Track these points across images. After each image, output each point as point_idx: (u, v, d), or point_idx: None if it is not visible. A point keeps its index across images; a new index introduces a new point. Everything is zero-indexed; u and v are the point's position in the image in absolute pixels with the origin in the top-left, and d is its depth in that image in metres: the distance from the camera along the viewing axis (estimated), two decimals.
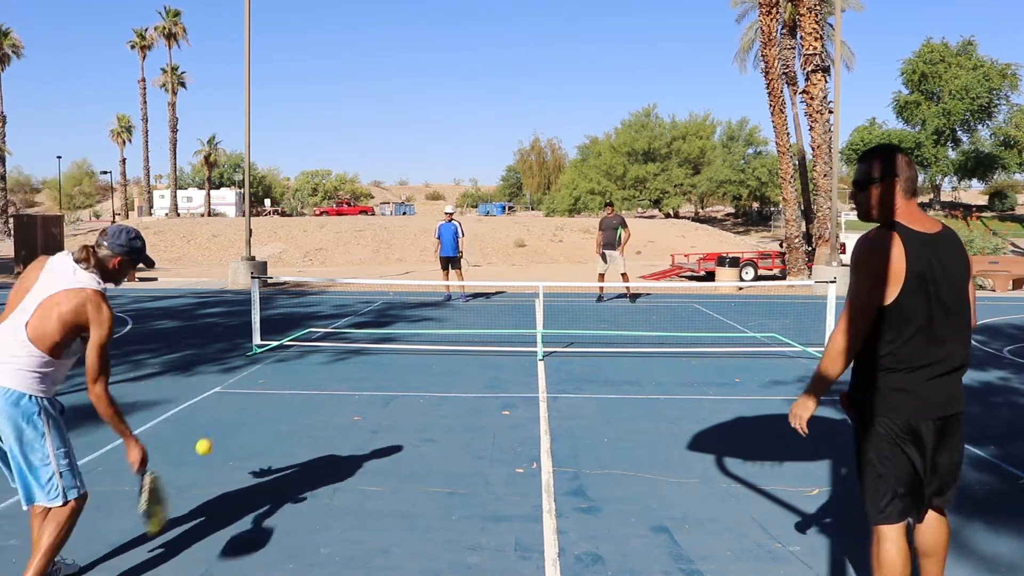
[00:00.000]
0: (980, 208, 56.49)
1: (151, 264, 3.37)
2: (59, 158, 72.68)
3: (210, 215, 55.84)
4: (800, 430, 2.69)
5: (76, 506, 3.02)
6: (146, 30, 54.58)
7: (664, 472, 4.64)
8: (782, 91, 21.49)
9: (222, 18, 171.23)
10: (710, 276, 20.29)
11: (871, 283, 2.50)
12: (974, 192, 69.22)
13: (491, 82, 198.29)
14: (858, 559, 3.45)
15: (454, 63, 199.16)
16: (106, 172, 57.22)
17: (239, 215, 52.12)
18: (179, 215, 54.87)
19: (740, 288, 17.87)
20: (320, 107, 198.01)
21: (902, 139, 48.88)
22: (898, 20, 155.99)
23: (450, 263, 14.53)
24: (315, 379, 7.36)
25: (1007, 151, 48.87)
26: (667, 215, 59.43)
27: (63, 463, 3.00)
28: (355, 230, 35.02)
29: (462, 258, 14.81)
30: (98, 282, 3.04)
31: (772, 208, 56.33)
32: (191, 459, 4.86)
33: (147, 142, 55.95)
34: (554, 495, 4.24)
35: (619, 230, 14.15)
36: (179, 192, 59.91)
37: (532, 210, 71.74)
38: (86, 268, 3.04)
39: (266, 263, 19.02)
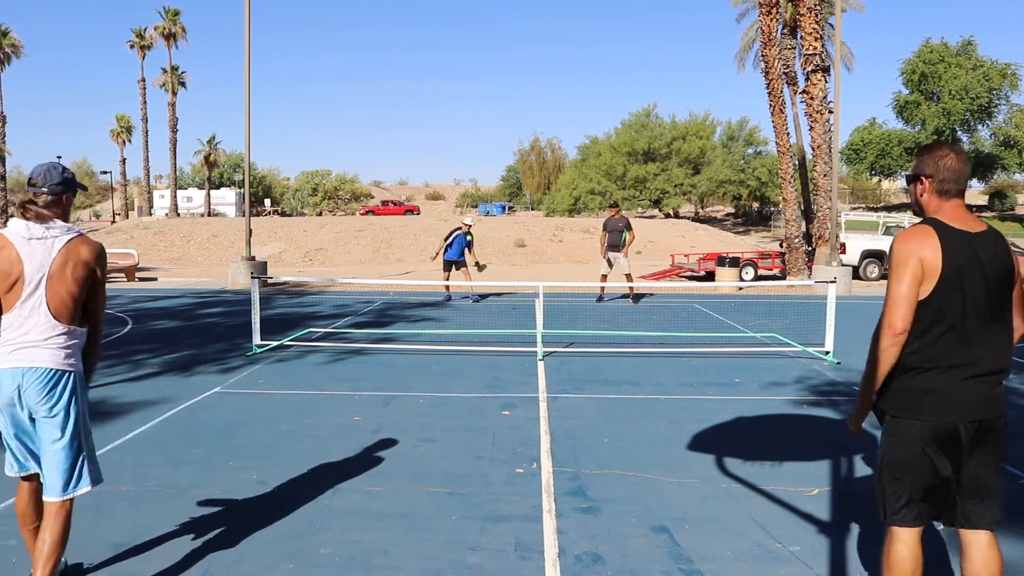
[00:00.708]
0: (980, 208, 56.44)
1: (84, 187, 3.29)
2: (59, 158, 72.52)
3: (210, 215, 55.80)
4: (855, 431, 2.72)
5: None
6: (145, 30, 54.62)
7: (664, 472, 4.64)
8: (782, 91, 21.48)
9: (222, 18, 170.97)
10: (710, 276, 20.28)
11: (904, 272, 2.44)
12: (974, 192, 69.16)
13: (491, 82, 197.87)
14: (858, 559, 3.46)
15: (454, 63, 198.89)
16: (106, 172, 57.45)
17: (239, 215, 52.08)
18: (179, 215, 54.80)
19: (740, 288, 17.86)
20: (320, 107, 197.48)
21: (902, 139, 48.87)
22: (898, 20, 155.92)
23: (453, 265, 14.56)
24: (315, 379, 7.37)
25: (1007, 151, 48.82)
26: (667, 215, 59.39)
27: (92, 444, 3.05)
28: (355, 230, 34.99)
29: (472, 263, 14.82)
30: (70, 228, 2.96)
31: (772, 208, 56.25)
32: (191, 459, 4.87)
33: (147, 142, 56.10)
34: (554, 495, 4.24)
35: (624, 233, 13.95)
36: (179, 192, 59.87)
37: (532, 210, 71.64)
38: (47, 221, 2.91)
39: (266, 263, 19.02)
